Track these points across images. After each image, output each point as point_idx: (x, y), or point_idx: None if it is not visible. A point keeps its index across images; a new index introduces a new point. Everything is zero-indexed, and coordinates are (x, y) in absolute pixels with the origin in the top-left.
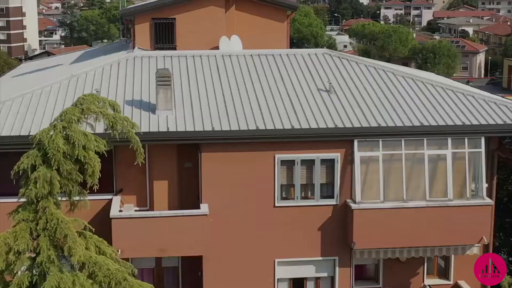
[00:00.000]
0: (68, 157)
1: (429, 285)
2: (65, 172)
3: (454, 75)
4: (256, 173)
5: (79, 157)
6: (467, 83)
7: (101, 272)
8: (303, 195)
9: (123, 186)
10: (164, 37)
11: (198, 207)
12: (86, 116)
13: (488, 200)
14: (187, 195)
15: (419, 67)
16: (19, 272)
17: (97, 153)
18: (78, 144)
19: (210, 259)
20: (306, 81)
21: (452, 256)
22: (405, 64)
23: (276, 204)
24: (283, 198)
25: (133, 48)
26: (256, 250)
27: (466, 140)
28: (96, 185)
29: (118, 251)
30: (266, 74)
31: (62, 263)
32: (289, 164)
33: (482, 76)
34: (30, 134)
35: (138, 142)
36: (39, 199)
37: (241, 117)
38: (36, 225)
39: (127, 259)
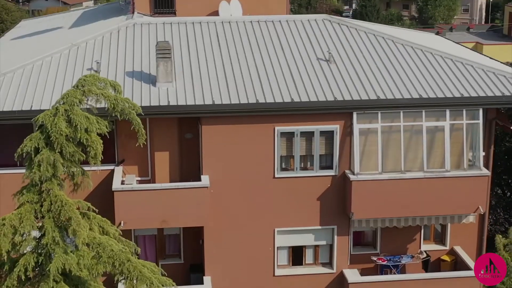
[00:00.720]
0: (71, 139)
1: (425, 251)
2: (68, 154)
3: (454, 17)
4: (256, 145)
5: (81, 140)
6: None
7: (105, 253)
8: (302, 166)
9: (124, 156)
10: (163, 1)
11: (199, 177)
12: (87, 98)
13: (485, 171)
14: (188, 165)
15: (420, 9)
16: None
17: (99, 134)
18: (80, 127)
19: (211, 229)
20: (305, 50)
21: (449, 223)
22: (405, 6)
23: (276, 175)
24: (282, 169)
25: (133, 13)
26: (256, 220)
27: (464, 111)
28: (99, 170)
29: (120, 223)
30: (266, 42)
31: (66, 244)
32: (288, 136)
33: (483, 18)
34: (32, 109)
35: (140, 123)
36: (43, 182)
37: (241, 90)
38: (40, 206)
39: (129, 230)
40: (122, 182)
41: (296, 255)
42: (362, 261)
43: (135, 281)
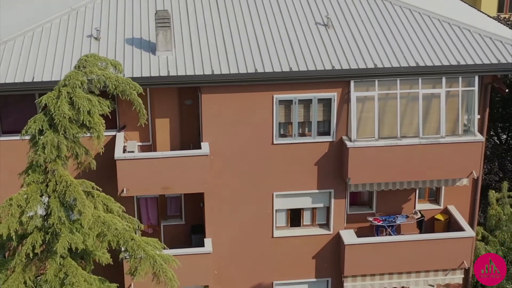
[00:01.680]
0: (74, 121)
1: (419, 211)
2: (71, 136)
3: None
4: (255, 113)
5: (84, 122)
6: None
7: (110, 232)
8: (300, 132)
9: (125, 123)
10: None
11: (199, 143)
12: (89, 79)
13: (479, 137)
14: (188, 130)
15: None
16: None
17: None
18: (83, 110)
19: (211, 195)
20: (304, 14)
21: (443, 186)
22: None
23: (275, 142)
24: (281, 135)
25: None
26: (255, 184)
27: (460, 79)
28: (102, 149)
29: (123, 190)
30: (265, 6)
31: (72, 223)
32: (287, 104)
33: None
34: (34, 80)
35: (141, 104)
36: (47, 163)
37: (240, 59)
38: (46, 186)
39: (131, 197)
40: (124, 148)
41: (294, 217)
42: (358, 221)
43: (138, 260)
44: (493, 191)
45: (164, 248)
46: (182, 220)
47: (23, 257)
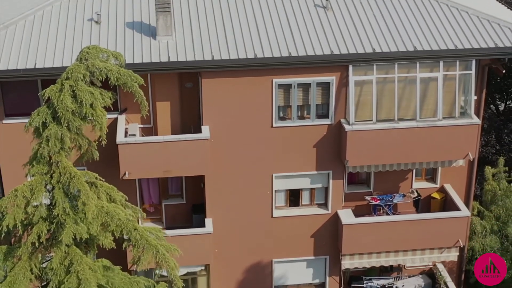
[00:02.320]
0: (77, 114)
1: (416, 190)
2: (74, 128)
3: None
4: (254, 97)
5: (86, 115)
6: None
7: (113, 223)
8: (299, 115)
9: (127, 105)
10: None
11: (199, 125)
12: (91, 72)
13: (475, 119)
14: (188, 112)
15: None
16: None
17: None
18: (85, 103)
19: (212, 177)
20: None
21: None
22: None
23: (274, 125)
24: (280, 118)
25: None
26: (255, 167)
27: (457, 62)
28: (104, 140)
29: (125, 173)
30: None
31: (76, 213)
32: (286, 87)
33: None
34: (36, 67)
35: (142, 96)
36: (51, 156)
37: (240, 44)
38: (50, 177)
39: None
40: (126, 130)
41: (293, 197)
42: (356, 199)
43: (141, 249)
44: (489, 167)
45: (167, 229)
46: (183, 199)
47: (29, 246)
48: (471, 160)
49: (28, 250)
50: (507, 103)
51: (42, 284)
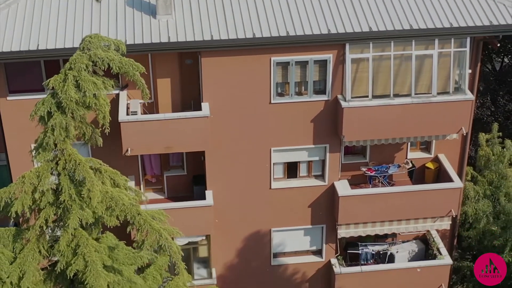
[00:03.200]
0: (81, 104)
1: (411, 161)
2: (78, 117)
3: None
4: (253, 74)
5: (90, 105)
6: None
7: (118, 208)
8: (297, 91)
9: (128, 82)
10: None
11: (199, 101)
12: (93, 61)
13: (469, 95)
14: (189, 88)
15: None
16: None
17: None
18: (88, 94)
19: (212, 152)
20: None
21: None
22: None
23: (272, 101)
24: (278, 94)
25: None
26: (253, 142)
27: (452, 40)
28: (108, 129)
29: (127, 149)
30: None
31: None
32: (284, 65)
33: None
34: (39, 48)
35: (144, 84)
36: (56, 144)
37: (239, 24)
38: (56, 164)
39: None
40: (127, 106)
41: (291, 168)
42: (352, 169)
43: (145, 233)
44: (483, 134)
45: (168, 199)
46: (184, 170)
47: (37, 229)
48: (464, 134)
49: (36, 233)
50: (504, 62)
51: (50, 263)
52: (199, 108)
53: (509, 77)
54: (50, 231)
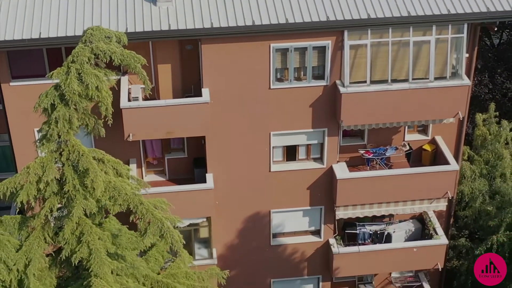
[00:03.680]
0: (83, 96)
1: (408, 143)
2: (81, 109)
3: None
4: (252, 60)
5: (92, 97)
6: None
7: (121, 197)
8: (296, 76)
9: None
10: None
11: (199, 86)
12: (96, 54)
13: (466, 81)
14: (189, 73)
15: None
16: None
17: None
18: (91, 86)
19: (212, 137)
20: None
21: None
22: None
23: (272, 87)
24: (278, 80)
25: None
26: (253, 126)
27: (449, 26)
28: (110, 120)
29: (129, 135)
30: None
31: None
32: (283, 51)
33: None
34: (41, 36)
35: (145, 76)
36: (60, 136)
37: (238, 11)
38: (60, 155)
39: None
40: (128, 91)
41: (290, 151)
42: (350, 151)
43: (147, 223)
44: (480, 114)
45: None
46: (184, 153)
47: (42, 218)
48: (461, 119)
49: (41, 222)
50: (502, 37)
51: (54, 250)
52: (199, 93)
53: (508, 54)
54: (54, 219)
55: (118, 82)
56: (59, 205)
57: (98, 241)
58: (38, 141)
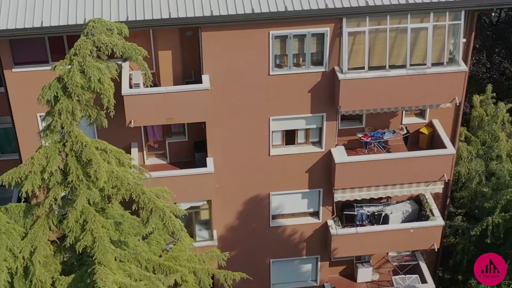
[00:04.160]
0: (86, 88)
1: (406, 127)
2: (84, 101)
3: None
4: (252, 47)
5: (95, 89)
6: None
7: (123, 187)
8: (295, 62)
9: None
10: None
11: (200, 71)
12: (98, 47)
13: (463, 67)
14: (190, 59)
15: None
16: None
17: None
18: (93, 79)
19: (212, 123)
20: None
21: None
22: None
23: (271, 73)
24: (277, 66)
25: None
26: (253, 111)
27: (447, 13)
28: (113, 112)
29: (131, 121)
30: None
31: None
32: (282, 38)
33: None
34: (43, 25)
35: (147, 68)
36: (64, 127)
37: None
38: (63, 146)
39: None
40: (130, 77)
41: (289, 135)
42: (348, 134)
43: (149, 212)
44: (477, 95)
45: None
46: (185, 137)
47: (47, 207)
48: (457, 104)
49: (46, 210)
50: (501, 15)
51: (59, 237)
52: (200, 78)
53: (506, 33)
54: (58, 207)
55: (119, 68)
56: (63, 194)
57: (101, 229)
58: (42, 131)
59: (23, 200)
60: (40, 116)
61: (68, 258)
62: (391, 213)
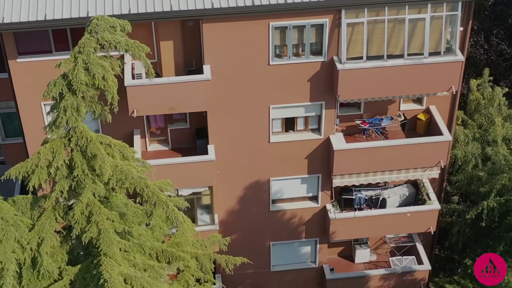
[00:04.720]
0: (91, 85)
1: (403, 113)
2: (88, 97)
3: None
4: (252, 38)
5: (99, 86)
6: None
7: (127, 181)
8: (294, 52)
9: None
10: None
11: (201, 61)
12: (101, 44)
13: (460, 56)
14: (191, 48)
15: None
16: None
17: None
18: (97, 76)
19: (213, 113)
20: None
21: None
22: None
23: (271, 63)
24: (276, 56)
25: None
26: (253, 100)
27: (444, 4)
28: (116, 108)
29: (134, 111)
30: None
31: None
32: (282, 29)
33: None
34: (47, 18)
35: (149, 64)
36: (69, 124)
37: None
38: (69, 141)
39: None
40: (132, 66)
41: (289, 123)
42: (347, 120)
43: (153, 205)
44: (474, 80)
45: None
46: (187, 124)
47: (53, 200)
48: (454, 93)
49: (52, 203)
50: None
51: (64, 227)
52: (200, 66)
53: (504, 15)
54: (64, 200)
55: (122, 57)
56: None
57: (106, 221)
58: (48, 127)
59: (31, 192)
60: (44, 105)
61: (74, 248)
62: (388, 197)
